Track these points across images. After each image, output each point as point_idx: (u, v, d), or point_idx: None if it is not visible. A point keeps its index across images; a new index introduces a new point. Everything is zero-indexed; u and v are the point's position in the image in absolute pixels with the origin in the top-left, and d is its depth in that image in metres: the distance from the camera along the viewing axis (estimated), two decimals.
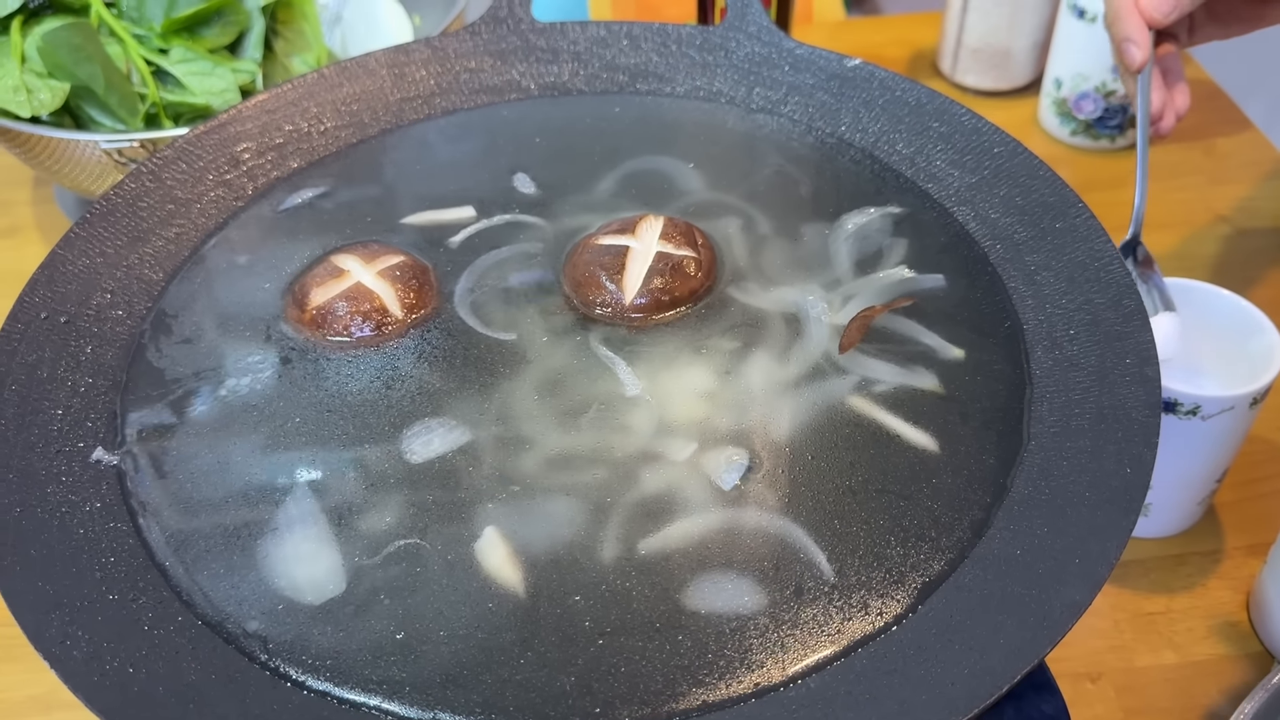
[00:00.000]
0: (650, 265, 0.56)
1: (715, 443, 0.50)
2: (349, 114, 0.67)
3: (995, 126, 0.61)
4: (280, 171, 0.64)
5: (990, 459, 0.49)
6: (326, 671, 0.42)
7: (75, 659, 0.41)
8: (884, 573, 0.45)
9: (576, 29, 0.70)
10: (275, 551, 0.46)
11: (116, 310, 0.56)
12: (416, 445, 0.50)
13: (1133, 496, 0.44)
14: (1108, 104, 0.93)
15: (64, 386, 0.52)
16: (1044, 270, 0.55)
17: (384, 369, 0.53)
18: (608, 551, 0.46)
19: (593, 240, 0.58)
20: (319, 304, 0.55)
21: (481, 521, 0.47)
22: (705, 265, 0.57)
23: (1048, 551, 0.44)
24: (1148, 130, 0.65)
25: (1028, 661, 0.40)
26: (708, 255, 0.57)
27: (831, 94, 0.66)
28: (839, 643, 0.43)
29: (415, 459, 0.49)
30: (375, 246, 0.58)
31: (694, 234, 0.58)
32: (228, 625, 0.44)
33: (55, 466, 0.49)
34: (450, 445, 0.50)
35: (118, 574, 0.45)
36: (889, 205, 0.61)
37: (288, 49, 0.90)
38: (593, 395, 0.52)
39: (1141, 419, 0.47)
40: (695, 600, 0.44)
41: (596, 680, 0.42)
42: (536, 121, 0.68)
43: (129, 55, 0.83)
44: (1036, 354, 0.52)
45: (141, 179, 0.60)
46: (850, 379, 0.52)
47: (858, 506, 0.47)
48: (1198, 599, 0.67)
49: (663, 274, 0.55)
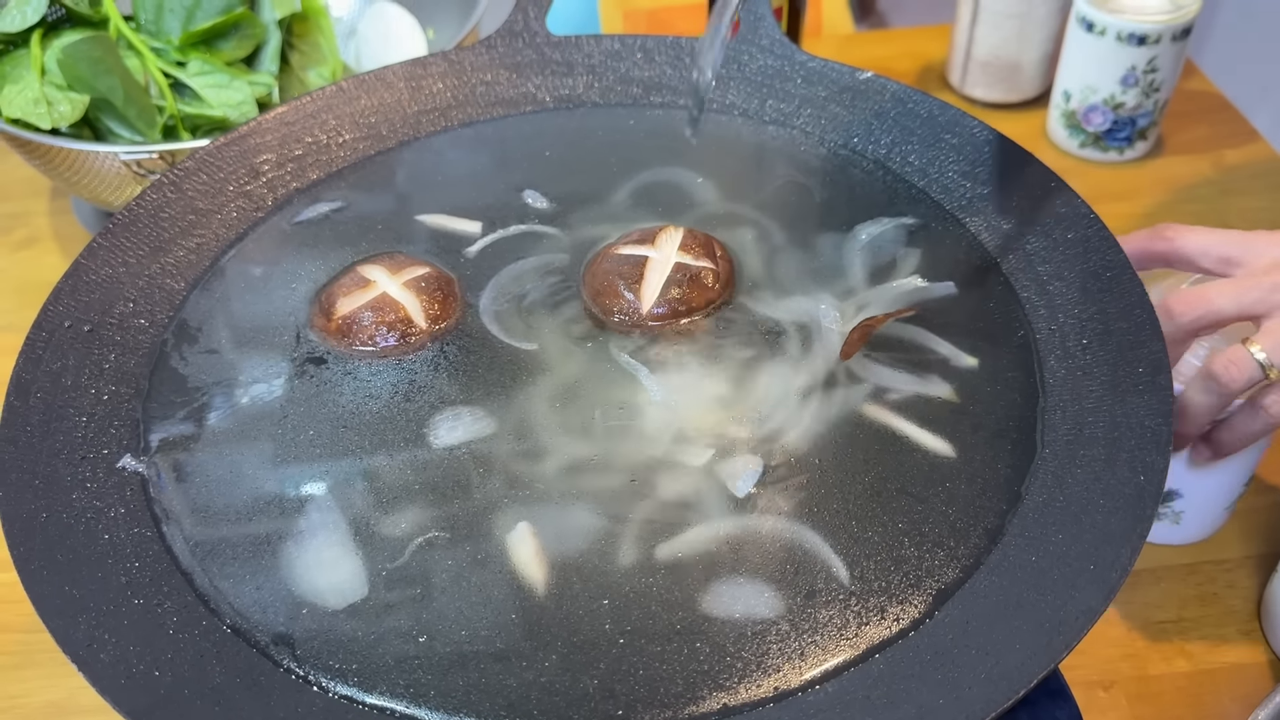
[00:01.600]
0: (669, 276, 0.56)
1: (730, 449, 0.51)
2: (367, 126, 0.68)
3: (1007, 138, 0.62)
4: (300, 183, 0.64)
5: (1004, 466, 0.49)
6: (351, 676, 0.43)
7: (102, 662, 0.42)
8: (900, 578, 0.45)
9: (591, 42, 0.71)
10: (298, 557, 0.47)
11: (139, 319, 0.57)
12: (443, 431, 0.51)
13: (1145, 503, 0.45)
14: (1116, 116, 0.94)
15: (88, 394, 0.53)
16: (1056, 280, 0.56)
17: (407, 378, 0.54)
18: (626, 556, 0.47)
19: (612, 250, 0.58)
20: (345, 313, 0.56)
21: (505, 523, 0.48)
22: (723, 277, 0.58)
23: (1062, 558, 0.44)
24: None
25: (1043, 666, 0.40)
26: (725, 267, 0.58)
27: (844, 106, 0.67)
28: (856, 648, 0.43)
29: (439, 443, 0.51)
30: (401, 258, 0.59)
31: (713, 245, 0.59)
32: (252, 630, 0.45)
33: (80, 473, 0.49)
34: (475, 434, 0.51)
35: (143, 579, 0.46)
36: (902, 216, 0.62)
37: (303, 62, 0.91)
38: (609, 402, 0.53)
39: (1154, 427, 0.47)
40: (713, 605, 0.45)
41: (618, 683, 0.42)
42: (551, 134, 0.69)
43: (147, 68, 0.84)
44: (1049, 363, 0.53)
45: (163, 190, 0.61)
46: (864, 387, 0.53)
47: (873, 513, 0.48)
48: (1210, 607, 0.67)
49: (680, 284, 0.56)
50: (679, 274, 0.57)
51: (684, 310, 0.56)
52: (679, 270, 0.57)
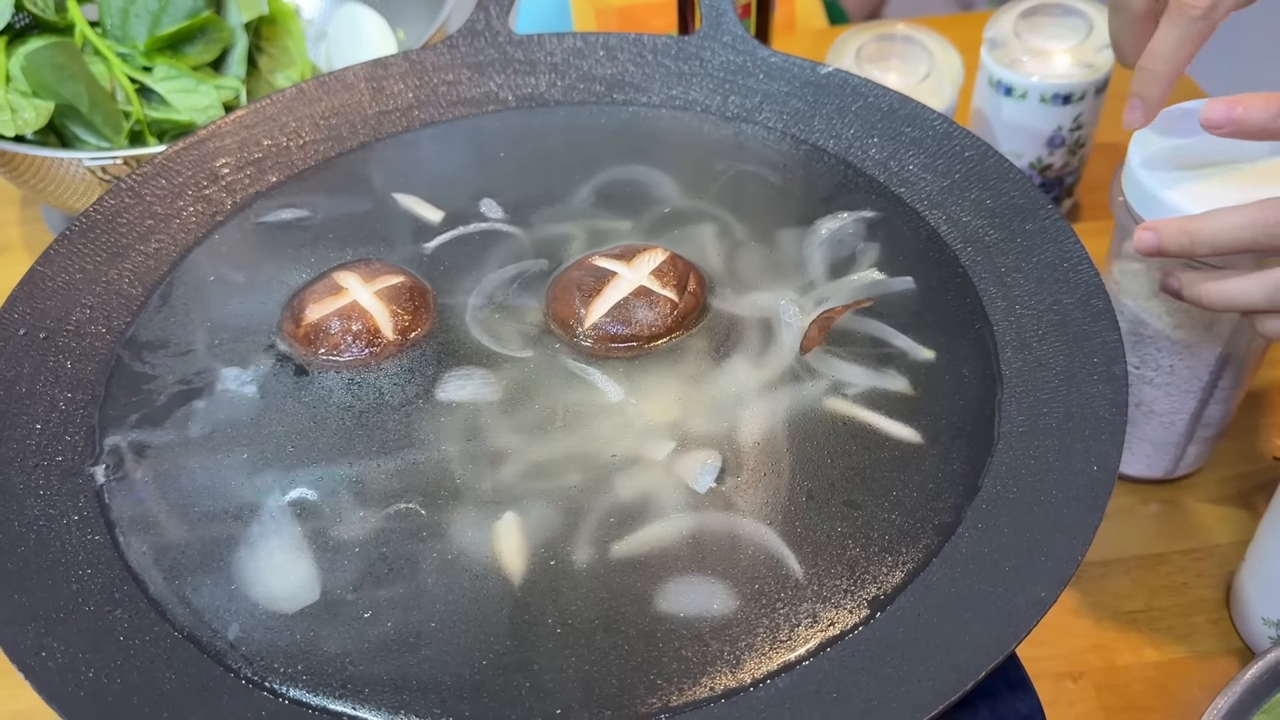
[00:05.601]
0: (625, 297, 0.55)
1: (690, 446, 0.50)
2: (328, 128, 0.67)
3: (966, 131, 0.62)
4: (259, 186, 0.64)
5: (961, 459, 0.49)
6: (300, 679, 0.43)
7: (50, 670, 0.42)
8: (853, 573, 0.45)
9: (553, 40, 0.71)
10: (251, 562, 0.47)
11: (96, 326, 0.56)
12: (451, 386, 0.53)
13: (1098, 494, 0.44)
14: (1044, 179, 0.90)
15: (43, 401, 0.52)
16: (1014, 272, 0.56)
17: (370, 387, 0.54)
18: (581, 554, 0.46)
19: (589, 259, 0.57)
20: (313, 320, 0.55)
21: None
22: (681, 312, 0.55)
23: (1014, 550, 0.44)
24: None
25: (993, 658, 0.40)
26: (690, 303, 0.56)
27: (805, 101, 0.67)
28: (808, 643, 0.43)
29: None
30: (378, 265, 0.58)
31: (689, 279, 0.56)
32: (204, 635, 0.44)
33: (33, 481, 0.49)
34: (480, 397, 0.53)
35: (94, 586, 0.46)
36: (862, 210, 0.61)
37: (272, 65, 0.91)
38: (564, 404, 0.52)
39: (1108, 417, 0.47)
40: (667, 602, 0.45)
41: (568, 682, 0.42)
42: (513, 133, 0.68)
43: (113, 73, 0.84)
44: (1006, 355, 0.53)
45: (121, 195, 0.61)
46: (823, 382, 0.53)
47: (828, 507, 0.48)
48: (1178, 597, 0.67)
49: (631, 308, 0.54)
50: (638, 298, 0.55)
51: (625, 335, 0.55)
52: (640, 294, 0.55)
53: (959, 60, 0.87)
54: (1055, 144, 0.86)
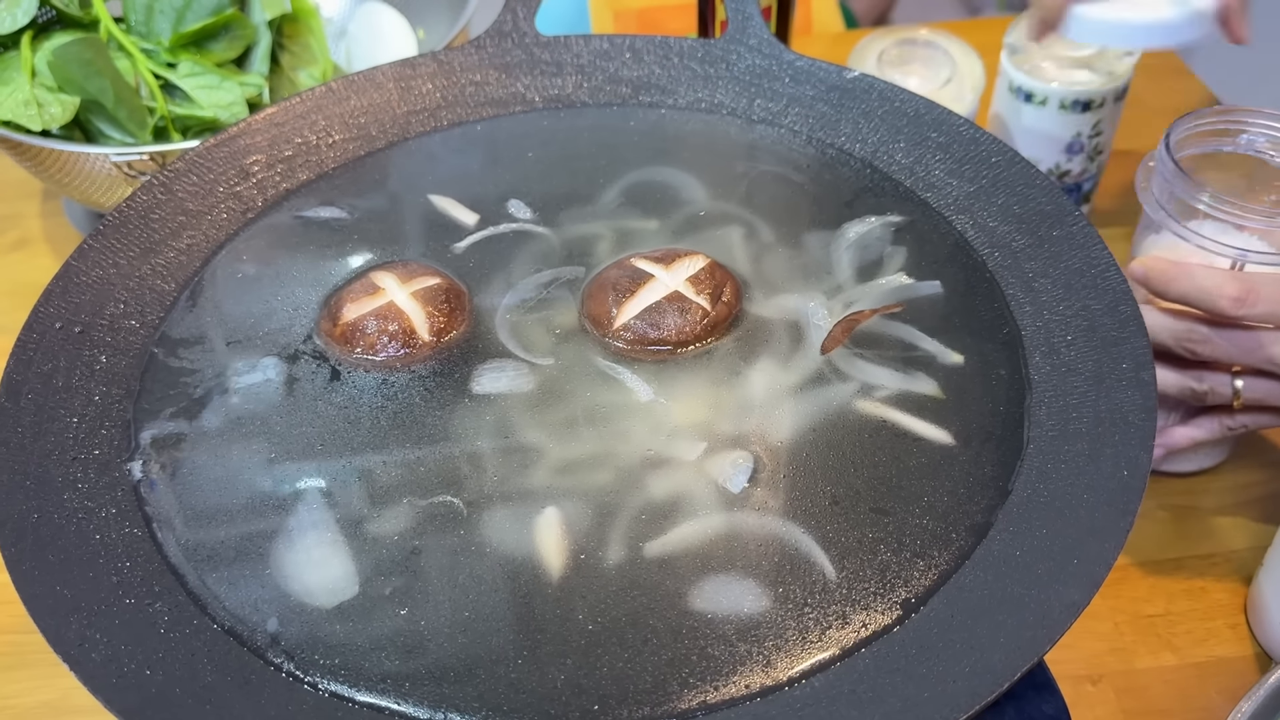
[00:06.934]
0: (658, 301, 0.56)
1: (720, 446, 0.51)
2: (356, 127, 0.68)
3: (992, 136, 0.62)
4: (289, 183, 0.65)
5: (990, 463, 0.49)
6: (340, 673, 0.43)
7: (94, 661, 0.42)
8: (885, 574, 0.46)
9: (580, 42, 0.71)
10: (289, 556, 0.47)
11: (130, 320, 0.57)
12: (486, 379, 0.54)
13: (1129, 498, 0.45)
14: (1062, 185, 0.87)
15: (79, 395, 0.53)
16: (1041, 277, 0.56)
17: (404, 385, 0.54)
18: (614, 552, 0.47)
19: (630, 259, 0.58)
20: (349, 320, 0.56)
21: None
22: (714, 321, 0.56)
23: (1047, 553, 0.45)
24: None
25: (1027, 660, 0.40)
26: (723, 312, 0.56)
27: (831, 105, 0.67)
28: (842, 643, 0.44)
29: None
30: (415, 265, 0.59)
31: (725, 288, 0.57)
32: (243, 629, 0.45)
33: (71, 473, 0.50)
34: (514, 388, 0.53)
35: (134, 579, 0.46)
36: (889, 214, 0.62)
37: (294, 63, 0.92)
38: (595, 403, 0.53)
39: (1138, 422, 0.48)
40: (701, 601, 0.45)
41: (603, 678, 0.43)
42: (541, 134, 0.69)
43: (138, 69, 0.84)
44: (1035, 359, 0.53)
45: (153, 191, 0.61)
46: (852, 384, 0.53)
47: (860, 508, 0.48)
48: (1196, 601, 0.67)
49: (664, 313, 0.55)
50: (670, 303, 0.56)
51: (654, 339, 0.55)
52: (673, 299, 0.56)
53: (980, 65, 0.87)
54: (1074, 150, 0.86)
